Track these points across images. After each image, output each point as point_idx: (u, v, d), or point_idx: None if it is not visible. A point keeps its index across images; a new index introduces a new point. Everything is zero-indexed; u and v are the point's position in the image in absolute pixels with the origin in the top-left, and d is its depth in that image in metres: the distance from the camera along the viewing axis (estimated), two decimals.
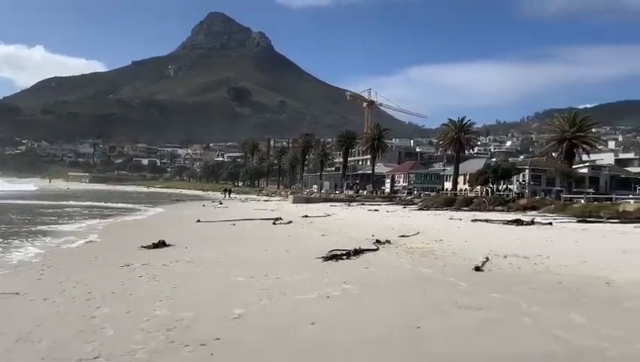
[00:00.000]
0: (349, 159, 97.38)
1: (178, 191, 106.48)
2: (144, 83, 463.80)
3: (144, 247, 12.63)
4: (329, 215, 29.50)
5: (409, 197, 62.83)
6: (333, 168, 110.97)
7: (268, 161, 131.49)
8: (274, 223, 22.37)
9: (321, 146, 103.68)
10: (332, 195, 68.11)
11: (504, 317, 6.12)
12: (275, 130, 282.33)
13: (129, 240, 14.52)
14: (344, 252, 11.42)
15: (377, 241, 13.98)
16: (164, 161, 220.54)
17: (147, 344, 4.97)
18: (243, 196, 78.31)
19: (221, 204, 47.71)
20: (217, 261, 10.75)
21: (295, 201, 52.99)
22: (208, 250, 12.65)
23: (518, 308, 6.59)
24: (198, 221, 22.80)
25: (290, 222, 23.09)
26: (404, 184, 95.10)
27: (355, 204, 49.55)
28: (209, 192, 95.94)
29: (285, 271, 9.31)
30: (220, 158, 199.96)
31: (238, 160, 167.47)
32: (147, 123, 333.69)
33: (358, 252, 11.70)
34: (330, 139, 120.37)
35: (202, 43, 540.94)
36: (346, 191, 79.50)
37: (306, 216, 27.15)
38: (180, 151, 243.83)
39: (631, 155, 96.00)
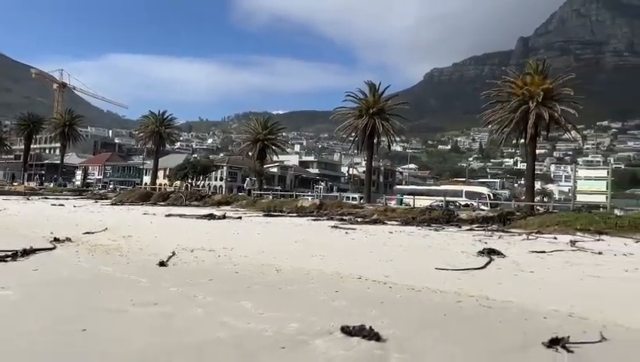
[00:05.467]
0: (32, 146, 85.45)
1: None
2: None
3: None
4: None
5: (103, 191, 58.99)
6: (12, 156, 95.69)
7: None
8: None
9: None
10: (7, 187, 58.48)
11: (179, 309, 6.16)
12: None
13: None
14: (9, 252, 9.81)
15: (56, 239, 12.51)
16: None
17: None
18: None
19: None
20: None
21: None
22: None
23: (194, 299, 6.73)
24: None
25: None
26: (99, 177, 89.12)
27: (36, 197, 43.72)
28: None
29: None
30: None
31: None
32: None
33: (28, 252, 10.21)
34: (8, 122, 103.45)
35: None
36: (27, 183, 69.46)
37: None
38: None
39: (311, 158, 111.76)
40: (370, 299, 7.14)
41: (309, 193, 54.83)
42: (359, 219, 24.76)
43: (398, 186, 62.50)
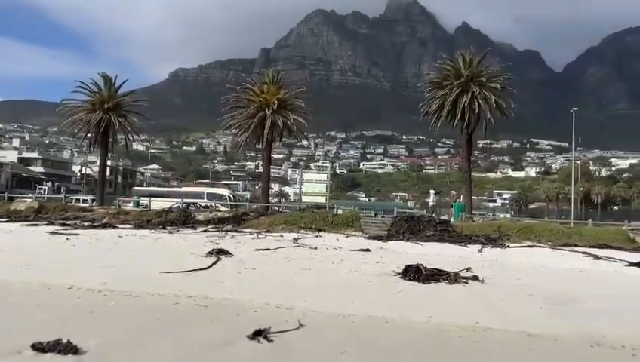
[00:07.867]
0: None
1: None
2: None
3: None
4: None
5: None
6: None
7: None
8: None
9: None
10: None
11: None
12: None
13: None
14: None
15: None
16: None
17: None
18: None
19: None
20: None
21: None
22: None
23: None
24: None
25: None
26: None
27: None
28: None
29: None
30: None
31: None
32: None
33: None
34: None
35: None
36: None
37: None
38: None
39: (35, 155, 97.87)
40: (79, 309, 6.57)
41: (31, 194, 48.15)
42: (87, 224, 22.75)
43: (137, 188, 59.87)
